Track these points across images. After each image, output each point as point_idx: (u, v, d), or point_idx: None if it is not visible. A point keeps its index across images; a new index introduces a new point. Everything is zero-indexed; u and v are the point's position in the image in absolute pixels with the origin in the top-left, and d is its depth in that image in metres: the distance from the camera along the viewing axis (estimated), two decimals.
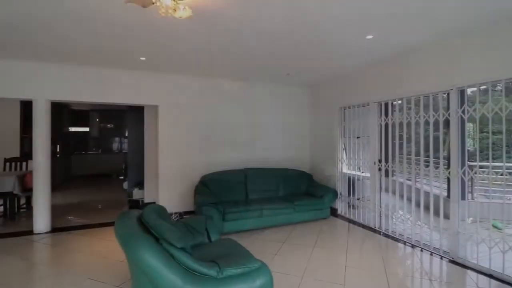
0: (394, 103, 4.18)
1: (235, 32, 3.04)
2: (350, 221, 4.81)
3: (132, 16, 2.64)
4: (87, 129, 10.57)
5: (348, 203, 5.08)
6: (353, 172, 4.98)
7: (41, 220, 4.19)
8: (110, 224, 4.56)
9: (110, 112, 10.78)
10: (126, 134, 11.09)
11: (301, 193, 5.11)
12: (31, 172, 4.82)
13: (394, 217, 4.18)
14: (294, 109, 5.97)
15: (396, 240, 3.91)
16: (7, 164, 5.66)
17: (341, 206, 5.18)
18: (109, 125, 10.92)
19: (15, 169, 5.68)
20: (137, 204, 5.87)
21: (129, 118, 6.39)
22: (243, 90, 5.48)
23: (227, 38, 3.19)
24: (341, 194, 5.13)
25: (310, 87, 5.97)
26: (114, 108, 10.45)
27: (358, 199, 4.98)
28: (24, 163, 5.83)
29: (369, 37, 3.22)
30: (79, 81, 4.34)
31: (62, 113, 9.33)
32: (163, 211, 2.55)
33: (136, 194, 6.01)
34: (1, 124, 6.89)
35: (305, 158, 6.06)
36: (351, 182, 5.06)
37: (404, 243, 3.80)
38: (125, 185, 6.90)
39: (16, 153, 6.92)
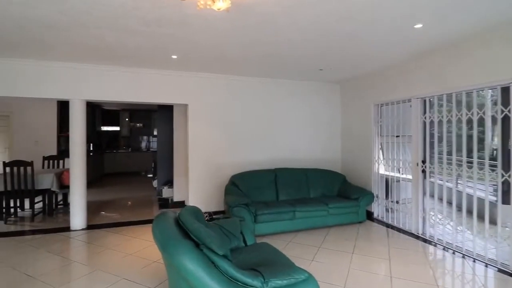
0: (431, 99, 3.84)
1: (272, 25, 2.88)
2: (388, 225, 4.50)
3: (167, 13, 2.57)
4: (117, 128, 10.91)
5: (386, 206, 4.77)
6: (391, 174, 4.65)
7: (77, 217, 4.29)
8: (142, 222, 4.61)
9: (140, 111, 11.07)
10: (155, 133, 11.36)
11: (334, 195, 4.87)
12: (67, 170, 4.98)
13: (440, 223, 3.84)
14: (324, 107, 5.71)
15: (444, 248, 3.58)
16: (46, 162, 5.91)
17: (377, 210, 4.88)
18: (138, 125, 11.21)
19: (53, 166, 5.92)
20: (166, 203, 5.91)
21: (158, 117, 6.46)
22: (272, 87, 5.32)
23: (262, 32, 3.04)
24: (377, 196, 4.82)
25: (341, 83, 5.69)
26: (143, 108, 10.72)
27: (394, 202, 4.66)
28: (61, 161, 6.07)
29: (418, 26, 2.93)
30: (112, 81, 4.40)
31: (94, 113, 9.69)
32: (199, 213, 2.45)
33: (166, 192, 6.05)
34: (40, 124, 7.24)
35: (336, 158, 5.78)
36: (388, 184, 4.75)
37: (453, 252, 3.46)
38: (155, 183, 7.00)
39: (54, 152, 7.24)
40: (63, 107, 7.49)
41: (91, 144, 9.72)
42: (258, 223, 3.89)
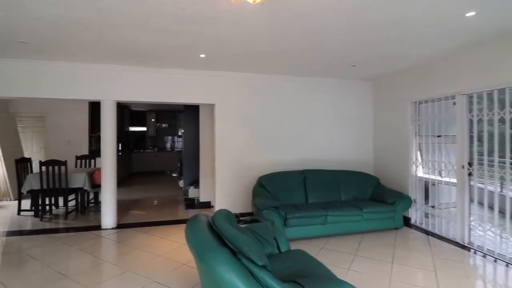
0: (480, 95, 3.47)
1: (307, 16, 2.71)
2: (428, 232, 4.16)
3: (200, 9, 2.48)
4: (144, 128, 11.17)
5: (424, 211, 4.43)
6: (431, 176, 4.30)
7: (108, 216, 4.35)
8: (169, 222, 4.60)
9: (165, 112, 11.27)
10: (180, 133, 11.52)
11: (366, 199, 4.60)
12: (99, 169, 5.10)
13: (488, 231, 3.48)
14: (354, 106, 5.43)
15: (495, 260, 3.22)
16: (78, 161, 6.10)
17: (415, 215, 4.54)
18: (164, 125, 11.42)
19: (85, 166, 6.09)
20: (192, 203, 5.89)
21: (184, 118, 6.47)
22: (300, 86, 5.13)
23: (296, 24, 2.88)
24: (415, 201, 4.49)
25: (373, 80, 5.38)
26: (169, 108, 10.90)
27: (432, 206, 4.31)
28: (92, 161, 6.25)
29: (470, 14, 2.64)
30: (141, 82, 4.42)
31: (123, 113, 9.97)
32: (232, 217, 2.34)
33: (192, 192, 6.04)
34: (72, 125, 7.53)
35: (368, 159, 5.48)
36: (426, 188, 4.41)
37: (507, 264, 3.11)
38: (181, 183, 7.03)
39: (85, 151, 7.50)
40: (94, 108, 7.75)
41: (120, 144, 10.02)
42: (288, 227, 3.73)
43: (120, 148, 9.95)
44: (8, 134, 6.51)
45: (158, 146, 11.48)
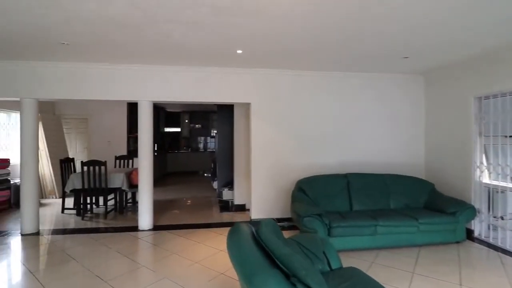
0: None
1: (356, 1, 2.38)
2: (496, 248, 3.58)
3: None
4: (178, 129, 11.35)
5: (490, 223, 3.83)
6: (501, 183, 3.70)
7: (145, 217, 4.32)
8: (204, 226, 4.46)
9: (198, 113, 11.36)
10: (212, 134, 11.56)
11: (419, 207, 4.10)
12: (136, 169, 5.13)
13: None
14: (403, 103, 4.91)
15: None
16: (117, 161, 6.24)
17: (479, 227, 3.95)
18: (197, 125, 11.51)
19: (123, 166, 6.22)
20: (227, 205, 5.74)
21: (217, 118, 6.35)
22: (343, 82, 4.73)
23: (344, 12, 2.55)
24: (479, 211, 3.90)
25: (426, 73, 4.81)
26: (202, 109, 10.97)
27: (501, 217, 3.71)
28: (130, 161, 6.37)
29: None
30: (176, 82, 4.34)
31: (159, 115, 10.18)
32: (277, 229, 2.08)
33: (226, 195, 5.89)
34: (112, 126, 7.78)
35: (419, 163, 4.92)
36: (490, 196, 3.82)
37: None
38: (215, 185, 6.93)
39: (124, 151, 7.72)
40: (132, 109, 7.96)
41: (156, 145, 10.25)
42: (332, 236, 3.39)
43: (155, 149, 10.20)
44: (55, 135, 6.87)
45: (191, 147, 11.61)
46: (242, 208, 5.48)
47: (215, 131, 11.17)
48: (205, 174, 10.84)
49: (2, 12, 2.52)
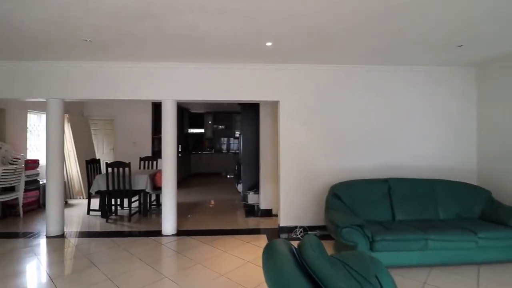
0: None
1: None
2: None
3: None
4: (202, 130, 11.26)
5: None
6: None
7: (168, 222, 4.13)
8: (230, 232, 4.20)
9: (222, 114, 11.21)
10: (236, 135, 11.36)
11: (474, 217, 3.58)
12: (160, 171, 4.98)
13: None
14: (451, 99, 4.35)
15: None
16: (142, 162, 6.16)
17: None
18: (220, 126, 11.37)
19: (148, 167, 6.13)
20: (252, 209, 5.45)
21: (242, 118, 6.09)
22: (383, 77, 4.28)
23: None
24: None
25: (479, 65, 4.24)
26: (225, 109, 10.80)
27: None
28: (154, 162, 6.27)
29: None
30: (201, 80, 4.12)
31: (183, 116, 10.14)
32: (321, 247, 1.74)
33: (251, 198, 5.61)
34: (137, 127, 7.77)
35: (469, 167, 4.34)
36: None
37: None
38: (239, 187, 6.68)
39: (149, 153, 7.69)
40: (156, 110, 7.92)
41: (180, 146, 10.21)
42: (375, 251, 2.97)
43: (180, 150, 10.16)
44: (83, 136, 6.94)
45: (214, 148, 11.49)
46: (268, 213, 5.16)
47: (238, 132, 10.99)
48: (228, 176, 10.71)
49: (22, 9, 2.40)
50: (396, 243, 2.98)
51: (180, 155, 9.37)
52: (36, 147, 6.19)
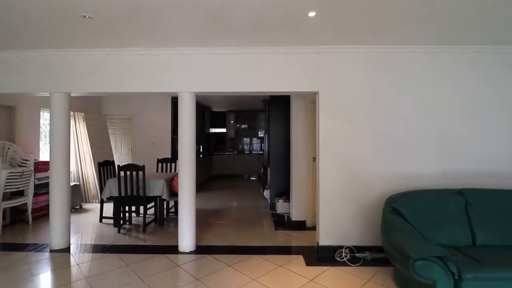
0: None
1: None
2: None
3: None
4: (224, 130, 10.68)
5: None
6: None
7: (186, 236, 3.50)
8: (258, 250, 3.49)
9: (245, 112, 10.57)
10: (260, 135, 10.67)
11: None
12: (177, 174, 4.39)
13: None
14: None
15: None
16: (159, 164, 5.62)
17: None
18: (243, 126, 10.73)
19: (166, 170, 5.58)
20: (281, 220, 4.72)
21: (270, 113, 5.36)
22: (446, 60, 3.38)
23: None
24: None
25: None
26: (248, 108, 10.15)
27: None
28: (173, 164, 5.73)
29: None
30: (222, 68, 3.45)
31: (204, 114, 9.61)
32: None
33: (281, 207, 4.87)
34: (156, 126, 7.29)
35: None
36: None
37: None
38: (266, 193, 5.98)
39: (168, 153, 7.19)
40: (176, 107, 7.42)
41: (201, 146, 9.70)
42: None
43: (201, 150, 9.65)
44: (100, 136, 6.55)
45: (237, 149, 10.87)
46: (301, 225, 4.41)
47: (263, 132, 10.30)
48: (251, 178, 10.06)
49: None
50: (494, 283, 2.13)
51: (201, 156, 8.84)
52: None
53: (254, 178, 10.09)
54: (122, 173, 4.18)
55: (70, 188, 3.82)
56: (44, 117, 5.57)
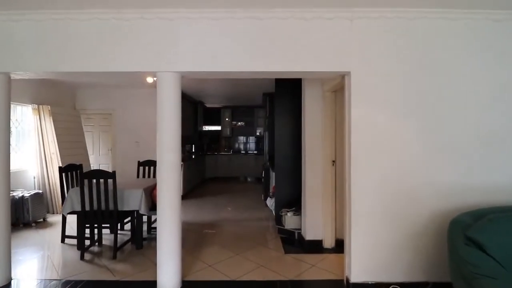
0: None
1: None
2: None
3: None
4: (218, 127, 9.72)
5: None
6: None
7: (166, 270, 2.55)
8: (264, 286, 2.57)
9: (242, 108, 9.64)
10: (257, 133, 9.74)
11: None
12: None
13: None
14: None
15: None
16: (141, 168, 4.62)
17: None
18: (239, 123, 9.79)
19: (149, 175, 4.59)
20: (291, 238, 3.82)
21: (275, 107, 4.43)
22: None
23: None
24: None
25: None
26: (245, 104, 9.22)
27: None
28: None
29: None
30: (219, 40, 2.51)
31: (196, 110, 8.65)
32: None
33: (289, 221, 3.96)
34: (141, 123, 6.32)
35: None
36: None
37: None
38: (270, 203, 5.06)
39: (154, 155, 6.23)
40: None
41: (193, 146, 8.74)
42: None
43: (193, 150, 8.69)
44: (72, 134, 5.55)
45: (233, 148, 9.93)
46: (317, 246, 3.51)
47: (262, 130, 9.37)
48: (249, 179, 9.18)
49: None
50: None
51: (193, 156, 7.88)
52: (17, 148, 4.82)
53: (252, 180, 9.19)
54: (88, 181, 3.20)
55: (30, 198, 2.83)
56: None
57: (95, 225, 3.49)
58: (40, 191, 4.71)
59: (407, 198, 2.50)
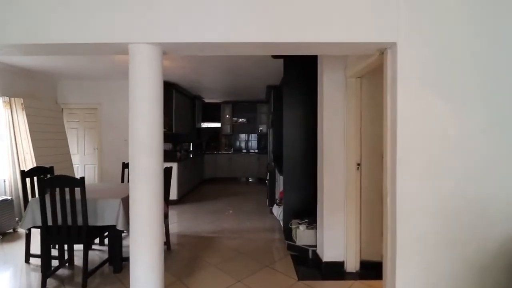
0: None
1: None
2: None
3: None
4: (218, 124, 9.04)
5: None
6: None
7: None
8: None
9: (243, 104, 8.95)
10: (260, 130, 9.05)
11: None
12: None
13: None
14: None
15: None
16: (126, 171, 3.95)
17: None
18: (241, 120, 9.11)
19: None
20: (304, 256, 3.14)
21: (284, 99, 3.73)
22: None
23: None
24: None
25: None
26: (247, 99, 8.53)
27: None
28: None
29: None
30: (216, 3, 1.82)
31: (194, 106, 7.98)
32: None
33: (302, 236, 3.27)
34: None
35: None
36: None
37: None
38: (276, 211, 4.38)
39: None
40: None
41: (191, 144, 8.08)
42: None
43: (191, 149, 8.03)
44: (50, 131, 4.87)
45: (233, 146, 9.25)
46: (338, 269, 2.82)
47: (265, 126, 8.69)
48: (249, 179, 8.53)
49: None
50: None
51: (191, 156, 7.21)
52: None
53: (254, 181, 8.53)
54: (51, 190, 2.53)
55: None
56: None
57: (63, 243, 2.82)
58: (9, 197, 4.04)
59: (474, 215, 1.81)
